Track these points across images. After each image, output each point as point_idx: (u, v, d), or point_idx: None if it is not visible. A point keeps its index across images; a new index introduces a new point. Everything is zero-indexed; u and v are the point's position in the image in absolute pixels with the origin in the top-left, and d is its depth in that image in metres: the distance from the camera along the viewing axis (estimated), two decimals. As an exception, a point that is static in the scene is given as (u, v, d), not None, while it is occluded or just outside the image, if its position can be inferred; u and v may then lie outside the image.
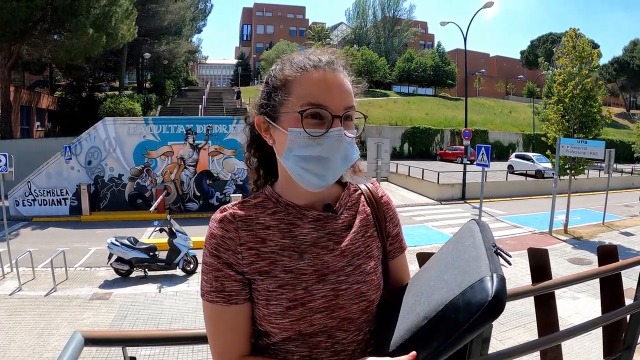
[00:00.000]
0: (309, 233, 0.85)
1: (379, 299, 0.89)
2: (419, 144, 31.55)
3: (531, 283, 1.55)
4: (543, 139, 13.93)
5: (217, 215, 0.85)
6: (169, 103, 32.59)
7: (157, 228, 8.68)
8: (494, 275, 0.65)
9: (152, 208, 12.45)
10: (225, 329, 0.82)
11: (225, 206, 0.87)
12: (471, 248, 0.76)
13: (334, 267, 0.84)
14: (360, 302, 0.84)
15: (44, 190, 14.10)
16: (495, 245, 0.75)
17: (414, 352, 0.70)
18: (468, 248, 0.77)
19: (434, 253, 1.30)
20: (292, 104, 0.80)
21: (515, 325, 5.99)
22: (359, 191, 0.97)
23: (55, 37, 20.62)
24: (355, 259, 0.87)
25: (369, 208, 0.95)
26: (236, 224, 0.83)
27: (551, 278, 1.60)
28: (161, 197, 13.69)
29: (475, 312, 0.63)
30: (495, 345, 4.93)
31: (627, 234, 11.90)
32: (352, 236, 0.88)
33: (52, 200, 14.18)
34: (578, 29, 12.55)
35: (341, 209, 0.91)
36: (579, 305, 6.66)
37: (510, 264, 0.73)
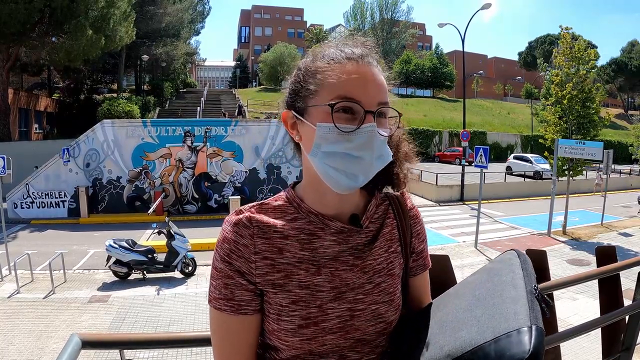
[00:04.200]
0: (330, 246, 0.79)
1: (398, 320, 0.83)
2: (417, 146, 31.48)
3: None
4: (541, 140, 13.92)
5: (232, 217, 0.79)
6: (167, 105, 32.58)
7: (156, 230, 8.64)
8: (534, 328, 0.58)
9: (151, 210, 12.44)
10: (231, 339, 0.77)
11: (242, 207, 0.80)
12: (510, 287, 0.68)
13: (353, 285, 0.79)
14: (377, 324, 0.80)
15: (42, 193, 14.07)
16: (537, 289, 0.67)
17: None
18: (506, 286, 0.69)
19: (432, 255, 1.29)
20: (322, 97, 0.74)
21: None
22: (387, 202, 0.90)
23: (54, 39, 20.63)
24: (375, 276, 0.81)
25: (395, 221, 0.88)
26: (252, 230, 0.77)
27: (550, 279, 1.60)
28: (159, 199, 13.69)
29: None
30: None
31: (626, 235, 11.91)
32: (374, 251, 0.82)
33: (51, 202, 14.15)
34: (571, 28, 12.44)
35: (367, 221, 0.84)
36: (577, 306, 6.65)
37: (547, 315, 0.65)
